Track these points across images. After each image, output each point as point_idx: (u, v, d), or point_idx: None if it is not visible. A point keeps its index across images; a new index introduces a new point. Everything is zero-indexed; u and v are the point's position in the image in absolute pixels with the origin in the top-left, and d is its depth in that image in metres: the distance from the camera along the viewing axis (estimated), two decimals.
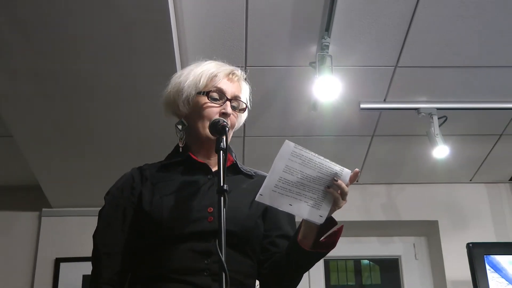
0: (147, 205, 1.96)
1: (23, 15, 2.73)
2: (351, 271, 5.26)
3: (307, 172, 1.79)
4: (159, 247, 1.92)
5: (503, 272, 4.06)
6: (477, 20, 3.25)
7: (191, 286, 1.84)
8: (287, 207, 1.82)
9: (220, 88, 2.04)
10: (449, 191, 4.78)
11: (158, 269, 1.90)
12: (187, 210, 1.93)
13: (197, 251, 1.86)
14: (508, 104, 3.86)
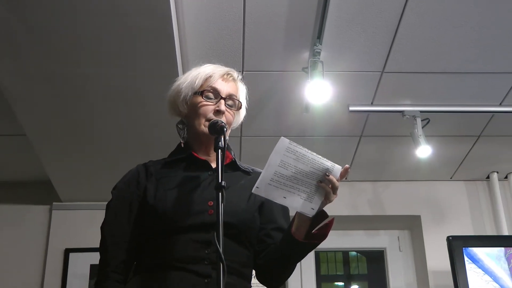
0: (152, 199, 1.97)
1: (37, 21, 2.73)
2: (339, 262, 5.27)
3: (300, 167, 1.79)
4: (162, 237, 1.93)
5: (480, 263, 4.06)
6: (458, 30, 3.25)
7: (192, 274, 1.85)
8: (281, 200, 1.82)
9: (214, 88, 2.05)
10: (430, 188, 4.79)
11: (162, 258, 1.91)
12: (189, 204, 1.94)
13: (198, 241, 1.87)
14: (485, 107, 3.87)
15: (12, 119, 3.54)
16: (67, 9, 2.67)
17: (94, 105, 3.38)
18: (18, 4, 2.62)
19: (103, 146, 3.78)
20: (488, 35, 3.30)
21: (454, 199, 4.78)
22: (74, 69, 3.07)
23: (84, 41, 2.87)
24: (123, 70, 3.09)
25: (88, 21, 2.76)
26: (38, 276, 4.36)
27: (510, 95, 3.78)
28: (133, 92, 3.28)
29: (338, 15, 3.12)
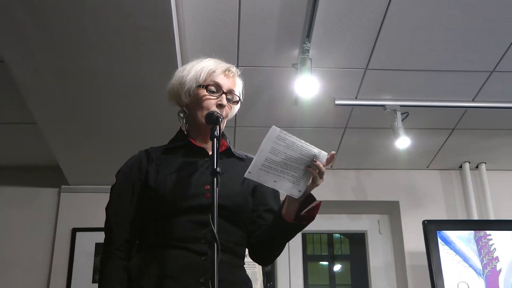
0: (153, 182, 1.97)
1: (49, 21, 2.73)
2: (324, 243, 5.28)
3: (290, 154, 1.79)
4: (162, 218, 1.93)
5: (452, 245, 4.09)
6: (435, 31, 3.25)
7: (190, 252, 1.86)
8: (271, 183, 1.83)
9: (217, 83, 2.05)
10: (408, 176, 4.80)
11: (162, 237, 1.91)
12: (187, 187, 1.94)
13: (196, 222, 1.88)
14: (459, 103, 3.89)
15: (24, 109, 3.54)
16: (77, 9, 2.66)
17: (101, 97, 3.38)
18: (32, 6, 2.63)
19: (108, 134, 3.78)
20: (462, 37, 3.31)
21: (430, 187, 4.79)
22: (82, 64, 3.06)
23: (91, 38, 2.87)
24: (128, 65, 3.09)
25: (95, 21, 2.75)
26: (48, 253, 4.36)
27: (482, 92, 3.79)
28: (136, 86, 3.27)
29: (326, 16, 3.11)
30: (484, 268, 4.05)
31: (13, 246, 4.36)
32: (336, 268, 5.39)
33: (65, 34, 2.84)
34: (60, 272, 4.28)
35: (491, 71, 3.60)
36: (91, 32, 2.83)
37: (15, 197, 4.53)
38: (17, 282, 4.25)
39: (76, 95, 3.35)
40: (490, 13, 3.14)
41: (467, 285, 3.99)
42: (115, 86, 3.28)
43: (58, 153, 4.03)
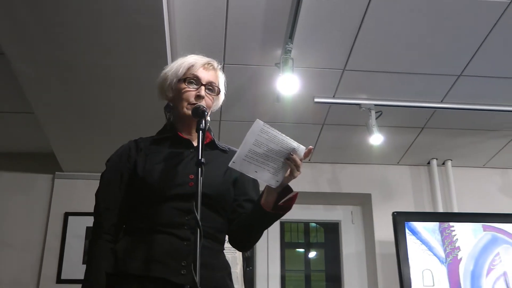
0: (141, 171, 1.97)
1: (47, 16, 2.71)
2: (301, 231, 5.29)
3: (271, 146, 1.80)
4: (149, 204, 1.93)
5: (418, 235, 4.12)
6: (408, 37, 3.27)
7: (174, 237, 1.86)
8: (253, 173, 1.84)
9: (196, 75, 2.05)
10: (381, 170, 4.83)
11: (148, 222, 1.91)
12: (172, 176, 1.94)
13: (180, 209, 1.88)
14: (429, 103, 3.91)
15: (23, 99, 3.51)
16: (73, 6, 2.65)
17: (95, 89, 3.36)
18: (32, 2, 2.62)
19: (101, 125, 3.75)
20: (433, 43, 3.33)
21: (400, 181, 4.82)
22: (78, 58, 3.05)
23: (87, 34, 2.86)
24: (120, 59, 3.07)
25: (90, 17, 2.74)
26: (41, 235, 4.34)
27: (449, 94, 3.82)
28: (129, 79, 3.25)
29: (308, 20, 3.11)
30: (446, 256, 4.08)
31: (9, 228, 4.33)
32: (311, 255, 5.40)
33: (62, 30, 2.82)
34: (53, 253, 4.26)
35: (459, 75, 3.63)
36: (87, 28, 2.82)
37: (12, 182, 4.49)
38: (13, 261, 4.23)
39: (72, 86, 3.32)
40: (459, 22, 3.16)
41: (431, 272, 4.02)
42: (108, 79, 3.25)
43: (54, 142, 4.00)
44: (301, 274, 5.28)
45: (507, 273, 4.07)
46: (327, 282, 5.21)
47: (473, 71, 3.59)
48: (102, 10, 2.70)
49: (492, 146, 4.54)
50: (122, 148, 2.09)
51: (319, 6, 3.03)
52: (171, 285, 1.81)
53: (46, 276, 4.20)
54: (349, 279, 4.68)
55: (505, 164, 4.82)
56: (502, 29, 3.20)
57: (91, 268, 1.90)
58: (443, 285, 3.99)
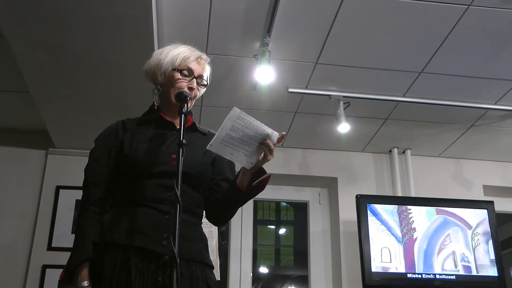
0: (127, 149, 1.97)
1: (44, 1, 2.68)
2: (273, 210, 5.31)
3: (247, 132, 1.81)
4: (134, 180, 1.93)
5: (379, 216, 4.14)
6: (376, 34, 3.27)
7: (156, 211, 1.87)
8: (229, 156, 1.85)
9: (190, 68, 2.05)
10: (346, 156, 4.83)
11: (133, 197, 1.92)
12: (156, 155, 1.95)
13: (162, 185, 1.89)
14: (392, 97, 3.92)
15: (20, 79, 3.45)
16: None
17: (87, 72, 3.31)
18: None
19: (92, 105, 3.70)
20: (397, 41, 3.34)
21: (364, 166, 4.83)
22: (72, 42, 3.01)
23: (80, 19, 2.82)
24: (110, 46, 3.04)
25: (84, 3, 2.71)
26: (34, 206, 4.29)
27: (411, 89, 3.83)
28: (118, 64, 3.22)
29: (285, 15, 3.10)
30: (403, 236, 4.12)
31: (5, 198, 4.27)
32: (281, 232, 5.43)
33: (58, 15, 2.79)
34: (45, 223, 4.22)
35: (420, 72, 3.64)
36: (80, 14, 2.78)
37: (8, 156, 4.42)
38: (8, 228, 4.18)
39: (65, 69, 3.28)
40: (421, 23, 3.17)
41: (389, 250, 4.05)
42: (99, 63, 3.21)
43: (47, 119, 3.95)
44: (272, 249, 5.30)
45: (456, 252, 4.13)
46: (295, 256, 5.25)
47: (433, 69, 3.61)
48: (94, 2, 2.67)
49: (447, 138, 4.58)
50: (110, 128, 2.08)
51: (295, 3, 3.02)
52: (153, 254, 1.81)
53: (38, 244, 4.16)
54: (315, 254, 4.69)
55: (458, 154, 4.86)
56: (460, 31, 3.22)
57: (79, 237, 1.91)
58: (399, 262, 4.04)
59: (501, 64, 3.54)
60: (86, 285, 1.82)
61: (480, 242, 4.19)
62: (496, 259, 4.16)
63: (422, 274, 4.00)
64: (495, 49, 3.39)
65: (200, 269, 1.91)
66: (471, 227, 4.23)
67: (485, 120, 4.24)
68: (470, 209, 4.29)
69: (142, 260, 1.81)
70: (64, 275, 1.89)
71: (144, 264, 1.80)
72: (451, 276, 4.03)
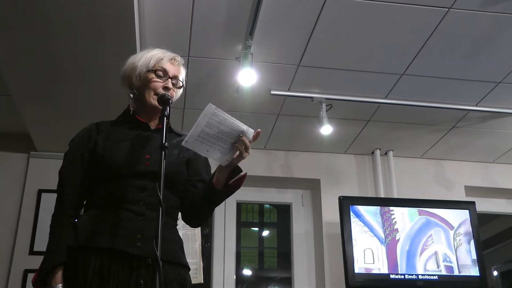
0: (101, 150, 1.97)
1: (25, 4, 2.67)
2: (256, 212, 5.32)
3: (222, 128, 1.81)
4: (108, 182, 1.94)
5: (361, 218, 4.17)
6: (357, 37, 3.30)
7: (130, 212, 1.87)
8: (204, 152, 1.86)
9: (164, 68, 2.07)
10: (329, 158, 4.86)
11: (106, 199, 1.92)
12: (130, 155, 1.95)
13: (136, 186, 1.89)
14: (374, 99, 3.95)
15: (1, 82, 3.44)
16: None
17: (69, 75, 3.29)
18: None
19: (74, 108, 3.68)
20: (379, 43, 3.36)
21: (346, 168, 4.86)
22: (54, 45, 2.99)
23: (62, 22, 2.81)
24: (92, 48, 3.03)
25: (64, 7, 2.70)
26: (16, 210, 4.26)
27: (393, 91, 3.87)
28: (100, 67, 3.20)
29: (267, 18, 3.11)
30: (386, 237, 4.15)
31: None
32: (265, 234, 5.44)
33: (39, 18, 2.77)
34: (26, 227, 4.19)
35: (401, 74, 3.68)
36: (62, 17, 2.77)
37: None
38: None
39: (47, 72, 3.26)
40: (402, 26, 3.20)
41: (372, 251, 4.08)
42: (81, 66, 3.20)
43: (29, 123, 3.92)
44: (255, 251, 5.31)
45: (438, 252, 4.18)
46: (278, 258, 5.26)
47: (414, 71, 3.65)
48: (77, 1, 2.65)
49: (429, 139, 4.63)
50: (84, 130, 2.09)
51: (277, 6, 3.03)
52: (127, 256, 1.82)
53: (20, 248, 4.13)
54: (298, 256, 4.71)
55: (439, 155, 4.92)
56: (441, 33, 3.26)
57: (53, 240, 1.91)
58: (382, 263, 4.07)
59: (481, 66, 3.59)
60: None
61: (462, 242, 4.25)
62: (477, 259, 4.21)
63: (405, 275, 4.04)
64: (475, 51, 3.44)
65: (174, 270, 1.92)
66: (453, 228, 4.29)
67: (466, 122, 4.30)
68: (452, 209, 4.35)
69: (116, 262, 1.81)
70: (37, 278, 1.88)
71: (117, 266, 1.81)
72: (434, 276, 4.08)
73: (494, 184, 4.98)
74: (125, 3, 2.66)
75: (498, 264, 5.58)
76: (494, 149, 4.79)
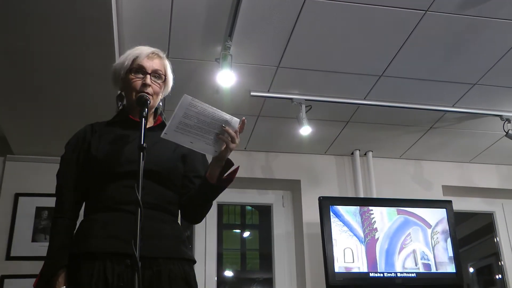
0: (94, 150, 1.98)
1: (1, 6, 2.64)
2: (238, 214, 5.31)
3: (202, 119, 1.80)
4: (103, 183, 1.94)
5: (341, 218, 4.19)
6: (334, 39, 3.32)
7: (126, 213, 1.86)
8: (188, 144, 1.84)
9: (141, 65, 2.07)
10: (309, 159, 4.87)
11: (103, 201, 1.92)
12: (123, 155, 1.95)
13: (130, 186, 1.85)
14: (354, 100, 3.98)
15: None
16: None
17: (46, 76, 3.26)
18: None
19: (51, 111, 3.64)
20: (357, 45, 3.39)
21: (326, 169, 4.88)
22: (30, 46, 2.96)
23: (39, 22, 2.78)
24: (70, 49, 3.00)
25: (41, 8, 2.67)
26: None
27: (372, 92, 3.90)
28: (78, 68, 3.17)
29: (246, 20, 3.12)
30: (365, 236, 4.18)
31: None
32: (247, 235, 5.44)
33: (15, 19, 2.74)
34: (3, 232, 4.12)
35: (380, 75, 3.71)
36: (39, 17, 2.74)
37: None
38: None
39: (24, 74, 3.22)
40: (380, 28, 3.23)
41: (351, 250, 4.11)
42: (59, 67, 3.17)
43: (5, 126, 3.87)
44: (237, 253, 5.31)
45: (416, 250, 4.22)
46: (260, 260, 5.26)
47: (392, 73, 3.68)
48: (54, 1, 2.63)
49: (408, 140, 4.67)
50: (79, 132, 2.10)
51: (257, 7, 3.04)
52: (129, 258, 1.79)
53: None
54: (279, 256, 4.72)
55: (418, 156, 4.96)
56: (418, 35, 3.29)
57: (54, 244, 1.91)
58: (362, 262, 4.09)
59: (458, 67, 3.64)
60: None
61: (439, 240, 4.29)
62: (454, 256, 4.27)
63: (384, 273, 4.07)
64: (451, 53, 3.49)
65: (178, 265, 1.92)
66: (431, 226, 4.33)
67: (443, 122, 4.35)
68: (430, 208, 4.40)
69: (118, 264, 1.81)
70: (39, 281, 1.88)
71: (120, 268, 1.81)
72: (412, 274, 4.11)
73: (470, 183, 5.04)
74: (102, 3, 2.65)
75: (474, 261, 5.64)
76: (470, 149, 4.86)
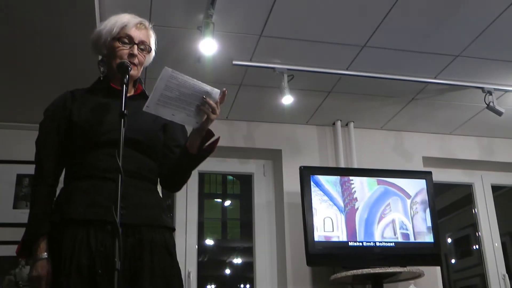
0: (76, 118, 1.97)
1: None
2: (219, 183, 5.35)
3: (183, 91, 1.81)
4: (84, 151, 1.94)
5: (322, 187, 4.23)
6: (318, 7, 3.31)
7: (108, 180, 1.87)
8: (170, 116, 1.86)
9: (129, 35, 2.05)
10: (291, 129, 4.88)
11: (85, 169, 1.93)
12: (104, 123, 1.96)
13: (111, 154, 1.86)
14: (336, 70, 3.98)
15: None
16: None
17: (23, 42, 3.21)
18: None
19: (31, 77, 3.59)
20: (341, 14, 3.38)
21: (308, 139, 4.89)
22: (6, 10, 2.91)
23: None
24: (50, 17, 2.96)
25: None
26: None
27: (354, 62, 3.91)
28: (58, 35, 3.14)
29: None
30: (345, 206, 4.23)
31: None
32: (228, 204, 5.48)
33: None
34: None
35: (363, 46, 3.71)
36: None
37: None
38: None
39: (3, 40, 3.17)
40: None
41: (331, 220, 4.15)
42: (39, 34, 3.12)
43: None
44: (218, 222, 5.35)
45: (395, 220, 4.28)
46: (241, 229, 5.32)
47: (375, 43, 3.68)
48: None
49: (389, 111, 4.70)
50: (59, 98, 2.08)
51: None
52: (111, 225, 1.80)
53: None
54: (260, 225, 4.76)
55: (399, 127, 5.00)
56: (401, 7, 3.29)
57: (35, 211, 1.92)
58: (341, 231, 4.15)
59: (440, 39, 3.65)
60: (46, 257, 1.84)
61: (418, 211, 4.36)
62: (432, 226, 4.34)
63: (363, 242, 4.14)
64: (435, 24, 3.49)
65: (159, 233, 1.95)
66: (410, 197, 4.39)
67: (425, 94, 4.38)
68: (410, 179, 4.45)
69: (101, 231, 1.83)
70: (21, 248, 1.90)
71: (103, 235, 1.83)
72: (390, 243, 4.19)
73: (450, 155, 5.11)
74: None
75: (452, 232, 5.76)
76: (451, 121, 4.90)
